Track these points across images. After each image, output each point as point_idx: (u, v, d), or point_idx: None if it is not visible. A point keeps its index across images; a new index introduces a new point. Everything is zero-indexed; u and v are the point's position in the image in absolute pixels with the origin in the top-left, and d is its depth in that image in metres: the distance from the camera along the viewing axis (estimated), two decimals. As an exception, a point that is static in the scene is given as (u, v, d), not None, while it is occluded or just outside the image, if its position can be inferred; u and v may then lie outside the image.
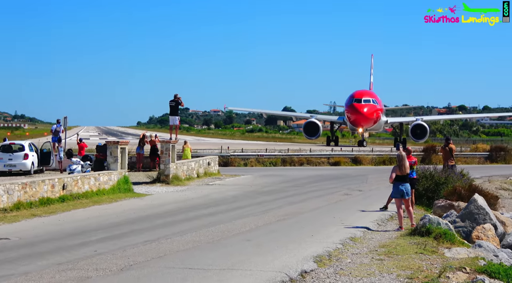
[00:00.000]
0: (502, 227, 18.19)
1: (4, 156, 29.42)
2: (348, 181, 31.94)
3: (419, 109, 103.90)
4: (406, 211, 17.01)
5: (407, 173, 16.80)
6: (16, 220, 17.12)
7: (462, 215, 17.75)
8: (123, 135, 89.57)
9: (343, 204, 22.13)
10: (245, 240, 14.22)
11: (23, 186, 19.25)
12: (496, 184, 33.66)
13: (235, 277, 10.45)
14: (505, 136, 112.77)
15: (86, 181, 22.95)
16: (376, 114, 65.65)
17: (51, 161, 31.95)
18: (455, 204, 19.90)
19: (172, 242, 13.83)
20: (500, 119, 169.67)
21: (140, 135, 36.55)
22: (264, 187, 28.02)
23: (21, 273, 10.59)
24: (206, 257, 12.07)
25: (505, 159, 52.88)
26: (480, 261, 12.36)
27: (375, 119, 66.21)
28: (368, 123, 65.82)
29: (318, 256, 12.40)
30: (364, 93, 65.88)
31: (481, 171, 38.74)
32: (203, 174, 33.55)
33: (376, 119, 66.47)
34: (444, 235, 14.50)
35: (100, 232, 15.23)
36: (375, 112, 64.93)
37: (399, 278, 10.85)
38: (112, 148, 26.07)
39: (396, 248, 13.52)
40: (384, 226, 17.13)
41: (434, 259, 12.55)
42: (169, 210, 19.73)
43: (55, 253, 12.43)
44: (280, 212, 19.36)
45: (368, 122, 65.47)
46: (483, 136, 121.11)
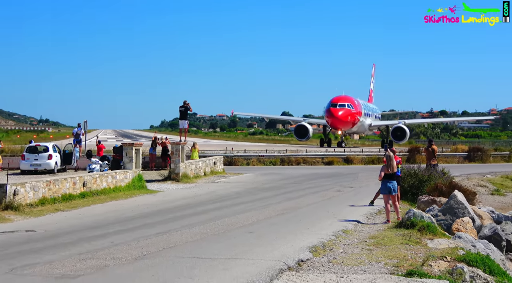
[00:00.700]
0: (479, 220, 18.20)
1: (31, 156, 29.46)
2: (341, 178, 31.91)
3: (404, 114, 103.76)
4: (393, 205, 17.01)
5: (394, 171, 16.83)
6: (41, 214, 17.15)
7: (443, 209, 17.75)
8: (138, 137, 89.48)
9: (336, 199, 22.12)
10: (247, 232, 14.21)
11: (47, 183, 19.27)
12: (474, 181, 33.68)
13: (239, 265, 10.45)
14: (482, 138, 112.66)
15: (104, 178, 22.96)
16: (351, 118, 64.92)
17: (73, 160, 32.00)
18: (437, 199, 19.90)
19: (182, 234, 13.83)
20: (478, 123, 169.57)
21: (152, 137, 36.57)
22: (265, 184, 28.01)
23: (46, 262, 10.60)
24: (213, 248, 12.07)
25: (482, 159, 52.86)
26: (460, 251, 12.36)
27: (351, 122, 65.53)
28: (345, 126, 65.28)
29: (314, 246, 12.40)
30: (340, 99, 65.40)
31: (460, 170, 38.69)
32: (210, 172, 33.55)
33: (353, 122, 65.85)
34: (427, 228, 14.49)
35: (116, 225, 15.24)
36: (349, 115, 64.22)
37: (387, 266, 10.84)
38: (128, 149, 26.11)
39: (383, 239, 13.51)
40: (373, 219, 17.12)
41: (418, 249, 12.54)
42: (179, 205, 19.73)
43: (76, 244, 12.43)
44: (279, 207, 19.36)
45: (343, 125, 64.94)
46: (462, 138, 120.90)
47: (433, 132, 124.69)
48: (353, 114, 65.09)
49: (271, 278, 9.71)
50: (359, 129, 71.24)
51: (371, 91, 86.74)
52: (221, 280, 9.44)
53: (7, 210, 16.83)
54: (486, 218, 19.09)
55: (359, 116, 66.95)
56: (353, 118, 65.32)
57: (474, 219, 17.47)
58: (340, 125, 64.72)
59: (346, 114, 63.91)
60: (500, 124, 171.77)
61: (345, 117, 63.84)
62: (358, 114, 66.47)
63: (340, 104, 64.05)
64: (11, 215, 16.45)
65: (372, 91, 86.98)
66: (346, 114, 63.91)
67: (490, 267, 11.63)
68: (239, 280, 9.44)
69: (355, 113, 65.62)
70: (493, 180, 35.61)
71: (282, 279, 9.78)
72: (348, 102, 64.81)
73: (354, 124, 66.34)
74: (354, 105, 65.58)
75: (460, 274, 10.44)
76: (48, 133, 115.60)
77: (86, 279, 9.44)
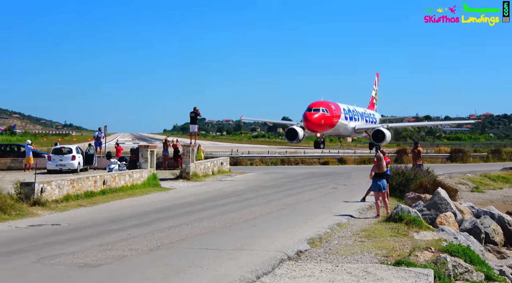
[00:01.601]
0: (460, 214, 18.16)
1: (56, 157, 29.51)
2: (335, 177, 31.87)
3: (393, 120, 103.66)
4: (383, 201, 16.99)
5: (384, 170, 16.83)
6: (65, 209, 17.17)
7: (428, 205, 17.73)
8: (152, 140, 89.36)
9: (331, 196, 22.09)
10: (251, 225, 14.20)
11: (71, 181, 19.29)
12: (456, 179, 33.66)
13: (243, 255, 10.44)
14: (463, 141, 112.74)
15: (122, 177, 22.97)
16: (326, 121, 63.52)
17: (94, 161, 32.07)
18: (422, 196, 19.86)
19: (192, 227, 13.82)
20: (459, 126, 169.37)
21: (163, 140, 36.57)
22: (267, 182, 27.98)
23: (70, 253, 10.60)
24: (220, 239, 12.06)
25: (462, 159, 52.74)
26: (443, 242, 12.34)
27: (327, 125, 64.28)
28: (320, 129, 64.05)
29: (311, 238, 12.38)
30: (316, 104, 64.22)
31: (443, 169, 38.62)
32: (217, 171, 33.56)
33: (329, 125, 64.63)
34: (414, 221, 14.47)
35: (133, 219, 15.24)
36: (323, 119, 63.00)
37: (377, 256, 10.82)
38: (143, 151, 26.13)
39: (374, 232, 13.50)
40: (364, 214, 17.09)
41: (405, 241, 12.51)
42: (189, 201, 19.72)
43: (97, 236, 12.44)
44: (280, 203, 19.33)
45: (319, 128, 63.77)
46: (444, 140, 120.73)
47: (419, 135, 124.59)
48: (328, 118, 63.62)
49: (273, 267, 9.70)
50: (343, 132, 70.05)
51: (372, 98, 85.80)
52: (228, 268, 9.43)
53: (35, 205, 16.86)
54: (466, 212, 19.05)
55: (337, 119, 65.24)
56: (328, 121, 63.93)
57: (456, 214, 17.45)
58: (315, 128, 63.49)
59: (320, 118, 62.68)
60: (479, 128, 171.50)
61: (319, 120, 62.55)
62: (335, 117, 64.70)
63: (315, 109, 62.95)
64: (39, 210, 16.48)
65: (373, 98, 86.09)
66: (320, 118, 62.70)
67: (471, 257, 11.60)
68: (244, 268, 9.43)
69: (331, 117, 64.06)
70: (473, 178, 35.58)
71: (282, 268, 9.77)
72: (324, 107, 63.60)
73: (331, 127, 65.08)
74: (329, 109, 64.06)
75: (444, 263, 10.42)
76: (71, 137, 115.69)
77: (106, 268, 9.44)
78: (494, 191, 32.99)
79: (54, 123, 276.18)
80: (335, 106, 66.56)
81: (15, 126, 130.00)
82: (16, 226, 13.90)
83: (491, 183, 35.71)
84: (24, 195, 17.01)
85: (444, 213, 16.82)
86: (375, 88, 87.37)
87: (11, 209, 15.54)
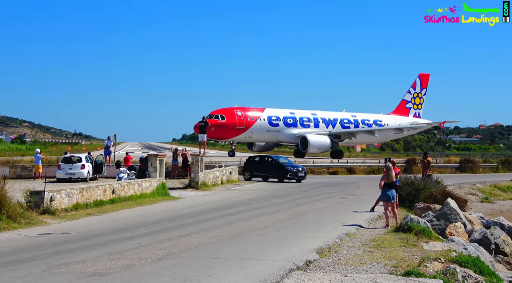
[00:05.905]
0: (470, 225, 18.07)
1: (66, 166, 29.62)
2: (344, 187, 31.79)
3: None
4: (392, 212, 16.93)
5: (393, 180, 16.78)
6: (75, 218, 17.20)
7: (437, 215, 17.65)
8: (161, 149, 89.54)
9: (340, 206, 22.03)
10: (260, 235, 14.18)
11: (80, 190, 19.35)
12: (465, 190, 33.50)
13: (252, 265, 10.42)
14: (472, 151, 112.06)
15: (131, 186, 23.02)
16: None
17: (103, 170, 32.17)
18: (432, 206, 19.79)
19: (201, 236, 13.81)
20: (468, 137, 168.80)
21: (172, 149, 36.62)
22: (276, 192, 27.94)
23: (79, 261, 10.63)
24: (229, 249, 12.06)
25: (472, 169, 52.57)
26: (453, 253, 12.28)
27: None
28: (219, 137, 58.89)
29: (320, 248, 12.36)
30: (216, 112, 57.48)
31: (453, 179, 38.46)
32: (226, 181, 33.53)
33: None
34: (423, 232, 14.41)
35: (142, 228, 15.25)
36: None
37: (386, 266, 10.78)
38: (152, 160, 26.19)
39: (383, 242, 13.44)
40: (373, 224, 17.04)
41: (414, 251, 12.46)
42: (198, 210, 19.71)
43: (106, 245, 12.45)
44: (289, 212, 19.30)
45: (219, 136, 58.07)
46: (454, 151, 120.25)
47: (428, 146, 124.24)
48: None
49: (282, 277, 9.69)
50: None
51: (404, 102, 73.44)
52: (237, 278, 9.42)
53: (44, 214, 16.90)
54: (476, 223, 18.95)
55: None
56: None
57: (465, 224, 17.36)
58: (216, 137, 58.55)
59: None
60: (489, 138, 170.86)
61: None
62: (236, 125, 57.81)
63: (215, 116, 56.30)
64: (48, 219, 16.52)
65: (405, 102, 73.29)
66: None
67: (480, 267, 11.55)
68: (252, 278, 9.42)
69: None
70: (483, 188, 35.41)
71: (291, 278, 9.75)
72: (221, 114, 56.96)
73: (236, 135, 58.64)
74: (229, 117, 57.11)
75: (453, 274, 10.38)
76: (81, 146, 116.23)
77: (115, 277, 9.46)
78: (504, 202, 32.80)
79: (64, 132, 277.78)
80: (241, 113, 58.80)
81: (25, 135, 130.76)
82: (26, 235, 13.94)
83: (501, 193, 35.53)
84: (33, 203, 17.06)
85: (454, 223, 16.73)
86: (410, 91, 73.98)
87: (21, 218, 15.59)
